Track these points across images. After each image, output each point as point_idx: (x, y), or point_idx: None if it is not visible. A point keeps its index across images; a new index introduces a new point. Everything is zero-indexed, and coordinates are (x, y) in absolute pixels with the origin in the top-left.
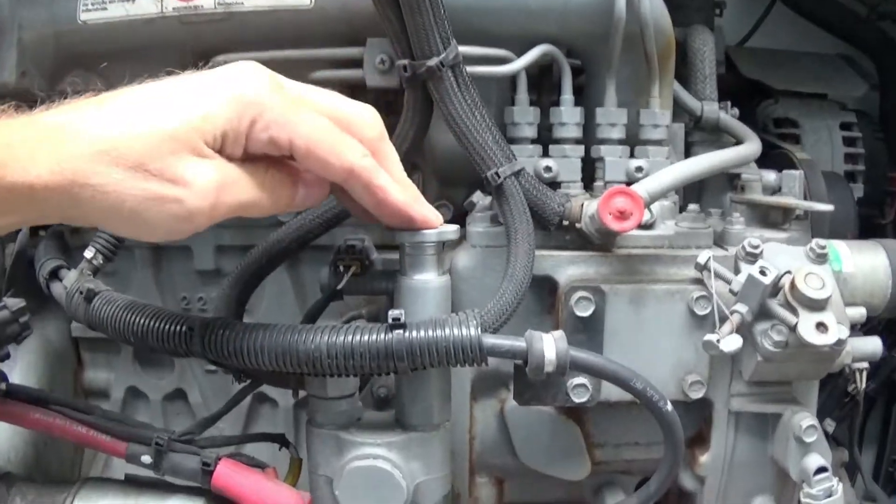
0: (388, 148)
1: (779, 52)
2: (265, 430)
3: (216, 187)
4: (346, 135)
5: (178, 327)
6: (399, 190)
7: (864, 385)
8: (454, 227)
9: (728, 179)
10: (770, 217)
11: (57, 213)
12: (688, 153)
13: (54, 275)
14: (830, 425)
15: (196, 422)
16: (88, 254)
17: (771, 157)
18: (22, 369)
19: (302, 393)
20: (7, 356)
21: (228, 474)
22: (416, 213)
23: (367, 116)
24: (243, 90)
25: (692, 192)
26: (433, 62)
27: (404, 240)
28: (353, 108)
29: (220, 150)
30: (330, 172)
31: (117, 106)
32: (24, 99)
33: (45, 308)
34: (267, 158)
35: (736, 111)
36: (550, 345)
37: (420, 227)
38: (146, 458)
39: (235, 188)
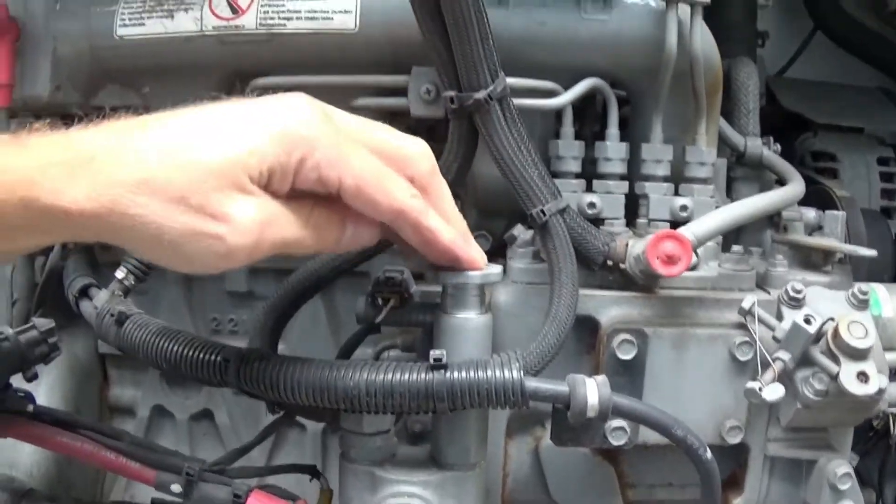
0: (440, 183)
1: (818, 84)
2: (292, 456)
3: (259, 225)
4: (395, 174)
5: (214, 357)
6: (448, 230)
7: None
8: (498, 270)
9: (768, 217)
10: (812, 259)
11: (92, 236)
12: (729, 188)
13: (84, 293)
14: (854, 459)
15: (227, 452)
16: (120, 274)
17: (809, 193)
18: (48, 385)
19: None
20: (35, 376)
21: None
22: (463, 253)
23: (419, 152)
24: (293, 125)
25: (731, 230)
26: (481, 95)
27: (447, 280)
28: (405, 144)
29: (266, 187)
30: (379, 213)
31: (160, 133)
32: (57, 113)
33: (73, 324)
34: (314, 195)
35: (778, 147)
36: (593, 390)
37: (465, 268)
38: (176, 487)
39: (278, 226)
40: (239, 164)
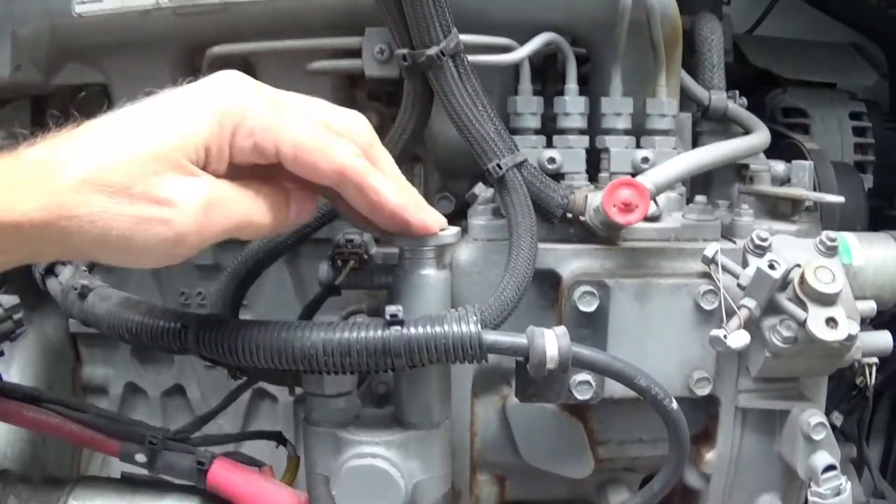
0: (381, 152)
1: (788, 41)
2: (265, 427)
3: (204, 205)
4: (334, 135)
5: (173, 324)
6: (395, 192)
7: (873, 381)
8: (453, 231)
9: (736, 170)
10: (779, 209)
11: (48, 250)
12: (695, 143)
13: (50, 271)
14: (838, 418)
15: (192, 420)
16: None
17: (780, 148)
18: (20, 366)
19: (300, 390)
20: (1, 354)
21: (223, 473)
22: (413, 217)
23: (355, 120)
24: (221, 100)
25: (699, 184)
26: (433, 51)
27: (402, 245)
28: (340, 114)
29: (206, 167)
30: (320, 175)
31: (97, 133)
32: (19, 93)
33: (43, 304)
34: (257, 176)
35: (744, 101)
36: (552, 342)
37: (418, 234)
38: (140, 457)
39: (225, 206)
40: (175, 147)
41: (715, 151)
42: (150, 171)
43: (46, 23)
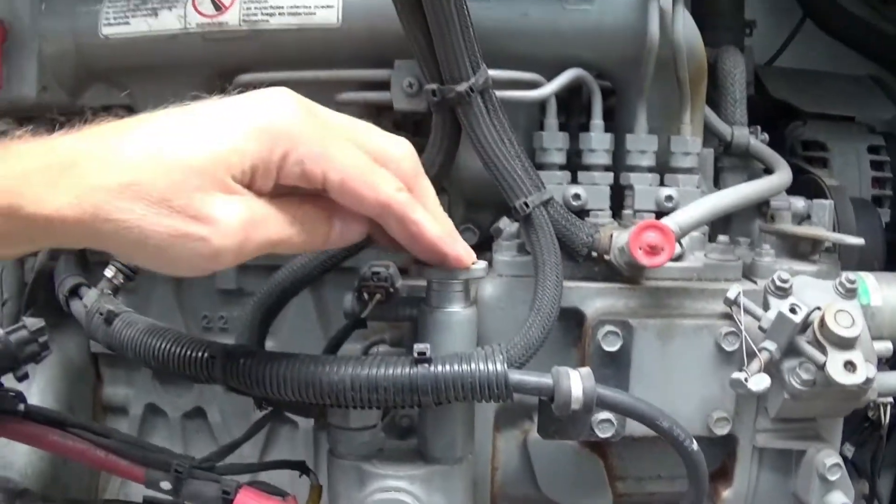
0: (425, 182)
1: (807, 73)
2: (284, 452)
3: (244, 225)
4: (380, 168)
5: (201, 354)
6: (434, 225)
7: (887, 420)
8: (483, 266)
9: (756, 207)
10: (799, 248)
11: (76, 243)
12: (716, 178)
13: (74, 293)
14: (850, 450)
15: (217, 449)
16: (109, 273)
17: (800, 183)
18: (41, 385)
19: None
20: (25, 376)
21: (248, 503)
22: (449, 249)
23: (403, 150)
24: (274, 120)
25: (720, 220)
26: (462, 87)
27: (432, 277)
28: (389, 141)
29: (250, 185)
30: (365, 207)
31: (141, 135)
32: (44, 114)
33: (65, 323)
34: (300, 193)
35: (765, 136)
36: (577, 382)
37: (452, 266)
38: (165, 485)
39: (265, 225)
40: (221, 163)
41: (739, 194)
42: (193, 186)
43: (73, 44)
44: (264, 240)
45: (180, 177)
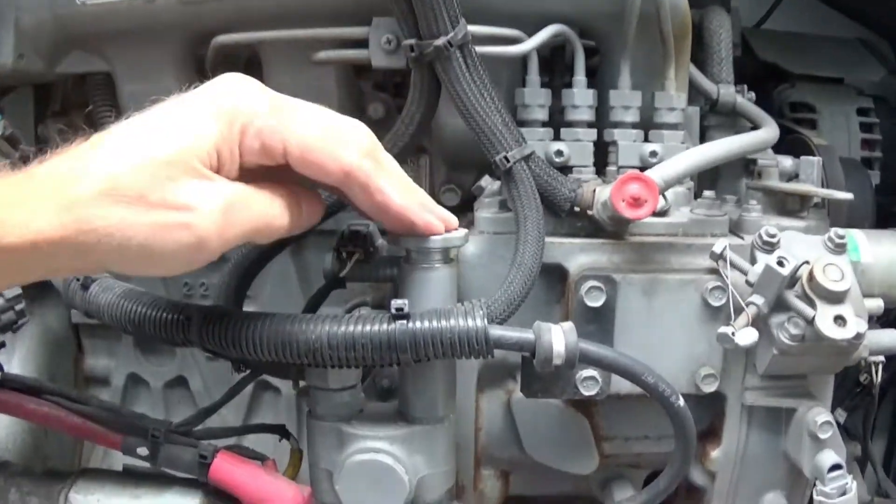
0: (385, 156)
1: (796, 36)
2: (268, 418)
3: (223, 207)
4: (341, 136)
5: (176, 316)
6: (400, 193)
7: (879, 379)
8: (461, 234)
9: (744, 165)
10: (787, 204)
11: (66, 265)
12: (703, 137)
13: None
14: (842, 415)
15: (194, 413)
16: None
17: (787, 143)
18: (21, 356)
19: (303, 382)
20: (2, 345)
21: (226, 467)
22: (418, 218)
23: (360, 128)
24: (228, 102)
25: (707, 178)
26: (441, 42)
27: (408, 245)
28: (344, 119)
29: (219, 170)
30: (327, 174)
31: (108, 144)
32: (21, 82)
33: (45, 294)
34: (266, 179)
35: (752, 95)
36: (559, 337)
37: (423, 234)
38: (142, 450)
39: (244, 207)
40: (186, 150)
41: (724, 146)
42: (164, 177)
43: (49, 11)
44: (245, 221)
45: (151, 171)
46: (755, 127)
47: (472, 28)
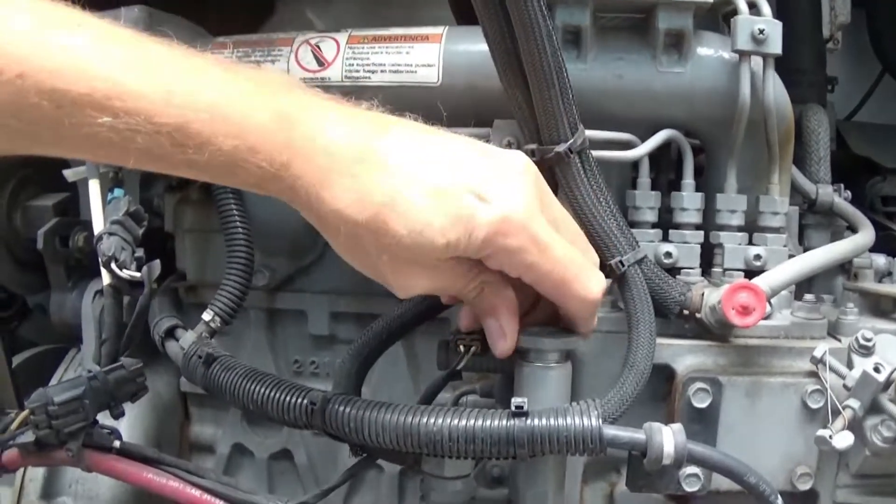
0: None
1: (888, 128)
2: (369, 496)
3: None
4: (585, 283)
5: (301, 400)
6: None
7: None
8: (577, 338)
9: (840, 265)
10: (881, 305)
11: (348, 239)
12: (801, 235)
13: (170, 334)
14: None
15: (310, 494)
16: (207, 316)
17: (881, 239)
18: (130, 422)
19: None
20: (122, 414)
21: None
22: (586, 329)
23: (595, 269)
24: (516, 208)
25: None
26: (561, 148)
27: (527, 346)
28: (589, 257)
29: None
30: (566, 304)
31: (405, 161)
32: None
33: (156, 362)
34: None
35: (848, 194)
36: (669, 438)
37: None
38: None
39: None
40: (469, 196)
41: (825, 255)
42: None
43: None
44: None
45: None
46: (852, 228)
47: (588, 132)
